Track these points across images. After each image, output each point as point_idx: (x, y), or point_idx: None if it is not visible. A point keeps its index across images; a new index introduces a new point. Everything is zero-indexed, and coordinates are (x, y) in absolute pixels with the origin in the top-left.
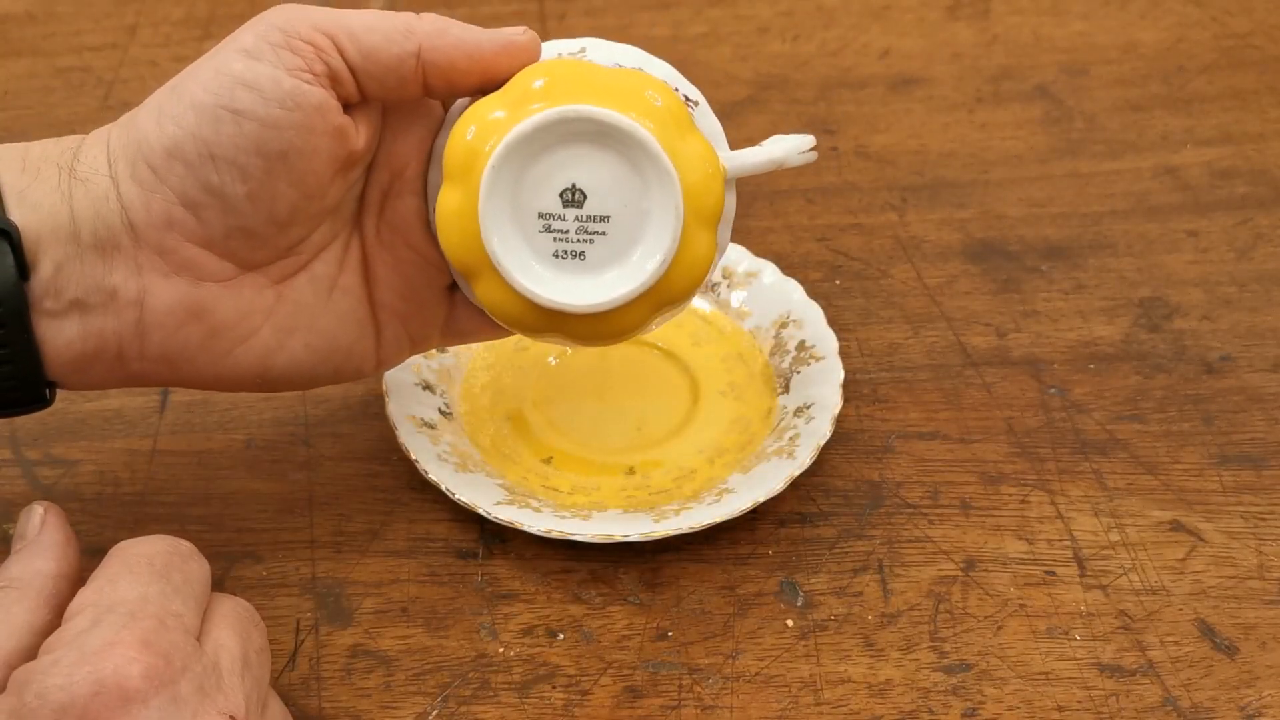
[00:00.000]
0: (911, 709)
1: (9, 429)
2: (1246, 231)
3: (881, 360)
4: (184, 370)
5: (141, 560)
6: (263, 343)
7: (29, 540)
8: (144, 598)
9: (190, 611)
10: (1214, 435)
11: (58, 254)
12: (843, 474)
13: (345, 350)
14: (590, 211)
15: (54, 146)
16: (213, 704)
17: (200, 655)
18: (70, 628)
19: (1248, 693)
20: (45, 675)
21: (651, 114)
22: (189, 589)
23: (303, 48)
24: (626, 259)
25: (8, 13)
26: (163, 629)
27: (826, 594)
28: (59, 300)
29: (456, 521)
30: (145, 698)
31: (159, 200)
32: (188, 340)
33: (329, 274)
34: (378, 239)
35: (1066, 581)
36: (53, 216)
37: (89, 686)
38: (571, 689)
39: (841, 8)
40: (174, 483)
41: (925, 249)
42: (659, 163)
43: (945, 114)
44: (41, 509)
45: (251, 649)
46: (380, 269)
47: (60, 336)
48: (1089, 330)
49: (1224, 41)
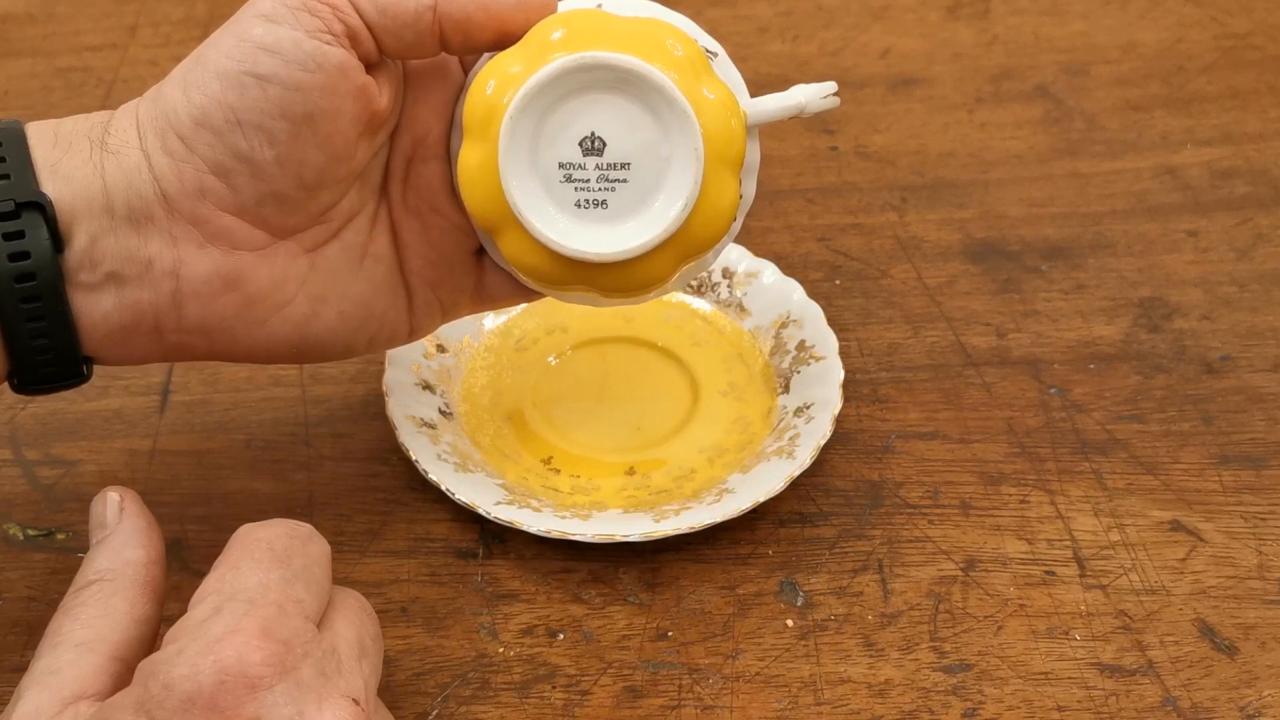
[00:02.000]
0: (911, 709)
1: (9, 429)
2: (1246, 231)
3: (881, 360)
4: (220, 341)
5: (262, 545)
6: (298, 311)
7: (111, 529)
8: (264, 584)
9: (311, 597)
10: (1214, 435)
11: (92, 227)
12: (843, 474)
13: (379, 317)
14: (611, 159)
15: (84, 121)
16: (335, 687)
17: (320, 641)
18: (192, 616)
19: (1248, 693)
20: (171, 665)
21: (671, 61)
22: (309, 574)
23: (320, 8)
24: (649, 206)
25: (8, 13)
26: (283, 615)
27: (826, 594)
28: (94, 273)
29: (456, 521)
30: (269, 684)
31: (190, 170)
32: (224, 310)
33: (359, 242)
34: (405, 206)
35: (1066, 581)
36: (86, 189)
37: (214, 675)
38: (571, 689)
39: (841, 8)
40: (174, 483)
41: (925, 249)
42: (678, 106)
43: (945, 114)
44: (117, 495)
45: (367, 636)
46: (409, 236)
47: (97, 309)
48: (1089, 330)
49: (1224, 41)
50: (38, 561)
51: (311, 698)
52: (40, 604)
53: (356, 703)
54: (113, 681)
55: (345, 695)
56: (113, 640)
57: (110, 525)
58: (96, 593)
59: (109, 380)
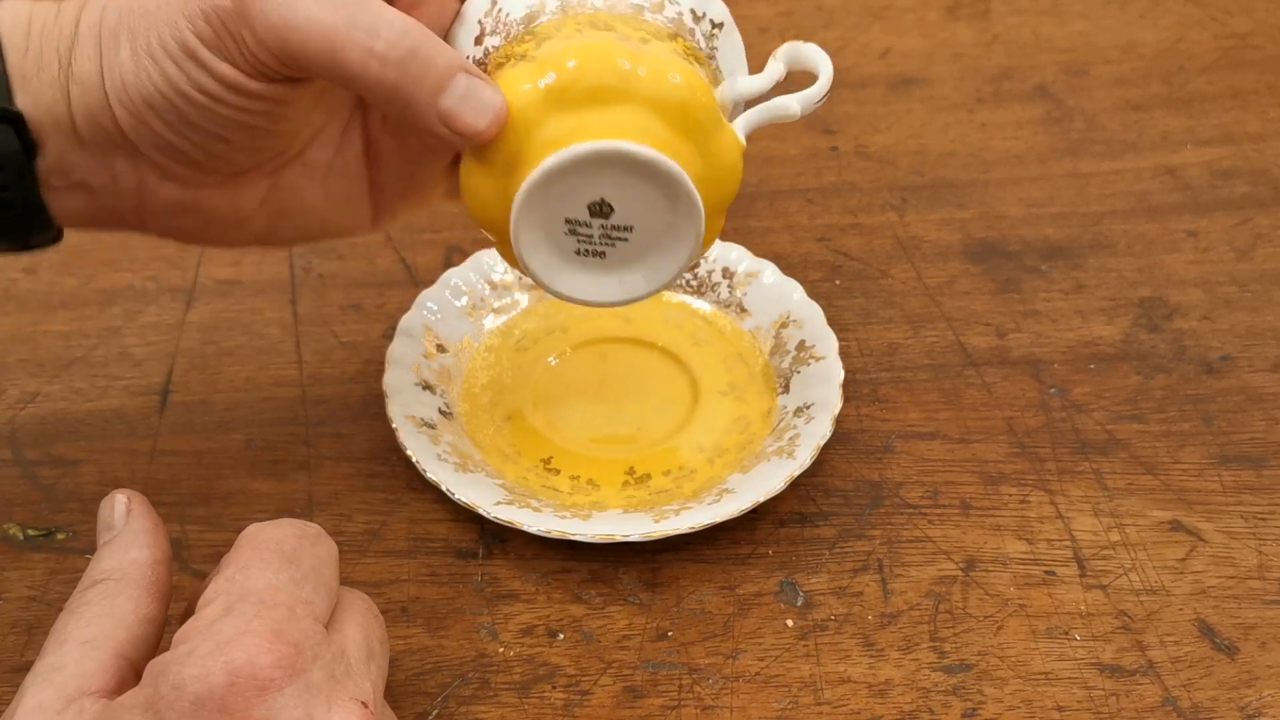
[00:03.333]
0: (911, 709)
1: (9, 429)
2: (1246, 231)
3: (881, 360)
4: (183, 238)
5: (271, 546)
6: (258, 225)
7: (117, 529)
8: (274, 585)
9: (320, 598)
10: (1214, 435)
11: (60, 144)
12: (843, 474)
13: (339, 222)
14: (616, 222)
15: (53, 25)
16: (344, 690)
17: (329, 643)
18: (202, 616)
19: (1248, 693)
20: (181, 666)
21: (683, 118)
22: (318, 575)
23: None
24: (643, 263)
25: None
26: (293, 617)
27: (826, 594)
28: (65, 179)
29: (456, 521)
30: (280, 686)
31: (146, 131)
32: (185, 225)
33: (323, 159)
34: (383, 126)
35: (1066, 581)
36: (52, 111)
37: (224, 677)
38: (571, 689)
39: (841, 8)
40: (174, 483)
41: (925, 249)
42: (691, 199)
43: (945, 114)
44: (124, 497)
45: (374, 638)
46: (382, 150)
47: (69, 204)
48: (1089, 330)
49: (1224, 41)
50: (38, 561)
51: (321, 700)
52: (40, 604)
53: (365, 706)
54: (117, 679)
55: (354, 698)
56: (118, 638)
57: (117, 527)
58: (102, 592)
59: (109, 380)
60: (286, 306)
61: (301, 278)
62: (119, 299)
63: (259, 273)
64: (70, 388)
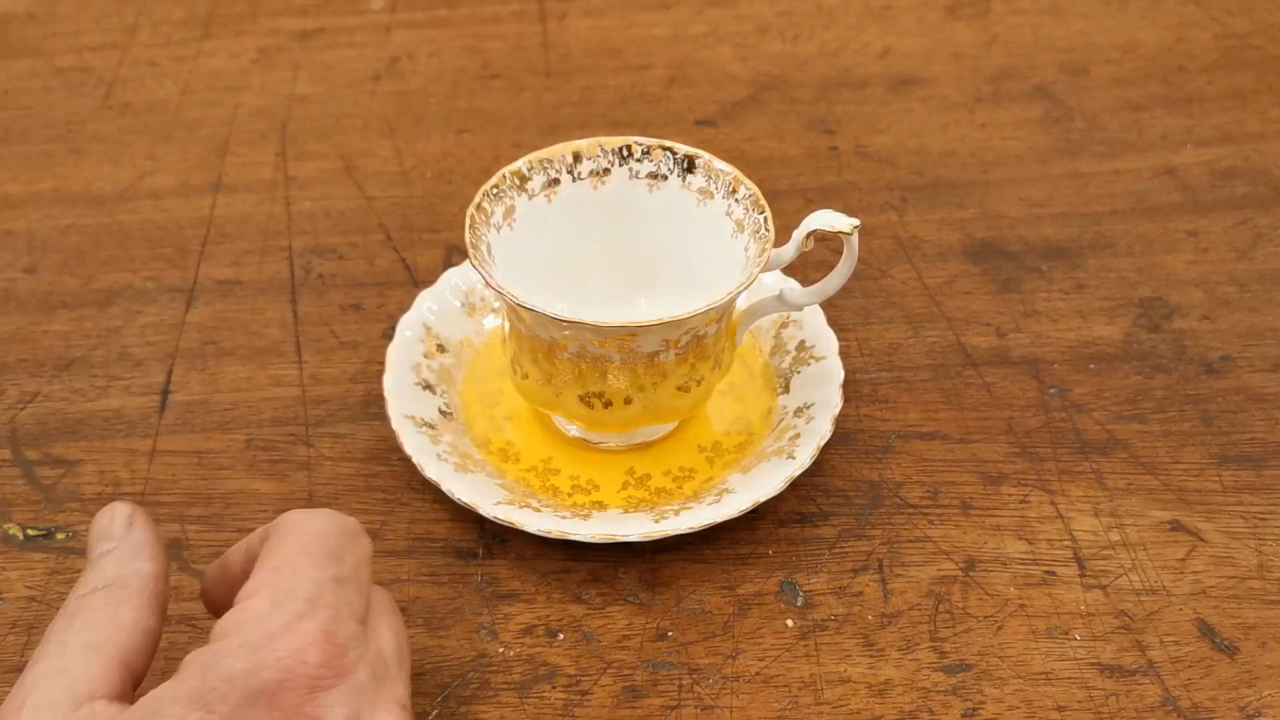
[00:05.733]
0: (911, 709)
1: (9, 429)
2: (1246, 231)
3: (881, 360)
4: None
5: (316, 541)
6: None
7: (119, 540)
8: (320, 583)
9: (359, 599)
10: (1214, 435)
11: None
12: (843, 474)
13: None
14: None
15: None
16: (386, 692)
17: (369, 644)
18: (249, 609)
19: (1248, 693)
20: (233, 659)
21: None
22: (358, 574)
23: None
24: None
25: (8, 13)
26: (338, 619)
27: (826, 594)
28: None
29: (456, 521)
30: (329, 685)
31: None
32: None
33: None
34: None
35: (1066, 581)
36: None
37: (277, 674)
38: (571, 689)
39: (841, 8)
40: (174, 483)
41: (925, 249)
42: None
43: (945, 114)
44: (127, 509)
45: (403, 639)
46: None
47: None
48: (1089, 330)
49: (1224, 41)
50: (38, 561)
51: (366, 701)
52: (40, 604)
53: (405, 709)
54: (120, 685)
55: (394, 700)
56: (121, 645)
57: (118, 537)
58: (105, 598)
59: (109, 380)
60: (286, 306)
61: (301, 278)
62: (119, 299)
63: (259, 273)
64: (70, 388)
